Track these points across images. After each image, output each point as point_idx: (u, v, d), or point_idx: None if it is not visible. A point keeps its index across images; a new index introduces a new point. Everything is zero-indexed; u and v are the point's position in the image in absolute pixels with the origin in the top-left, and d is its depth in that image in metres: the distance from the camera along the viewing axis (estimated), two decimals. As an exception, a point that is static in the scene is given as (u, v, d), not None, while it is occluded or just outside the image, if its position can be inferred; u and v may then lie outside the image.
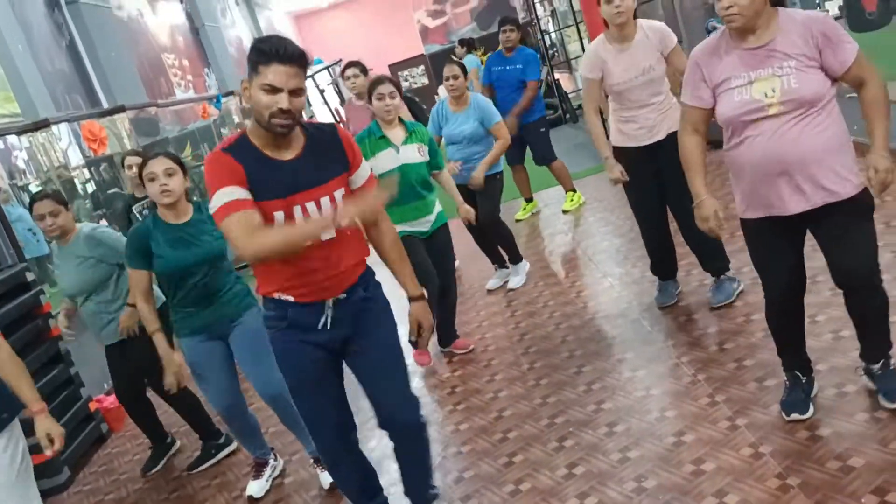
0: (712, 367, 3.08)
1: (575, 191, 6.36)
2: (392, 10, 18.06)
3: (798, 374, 2.58)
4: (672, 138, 3.35)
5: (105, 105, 7.19)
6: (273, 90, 1.96)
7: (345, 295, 2.25)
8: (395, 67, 16.06)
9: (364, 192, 2.23)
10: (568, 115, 10.77)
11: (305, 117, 11.74)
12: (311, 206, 2.11)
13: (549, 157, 6.18)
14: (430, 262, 3.80)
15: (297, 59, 1.98)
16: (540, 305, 4.37)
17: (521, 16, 15.49)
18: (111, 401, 4.54)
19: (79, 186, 6.72)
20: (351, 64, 5.21)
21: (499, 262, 4.90)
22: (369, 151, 3.63)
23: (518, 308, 4.45)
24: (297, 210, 2.10)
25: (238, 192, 2.00)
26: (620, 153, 3.53)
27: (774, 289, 2.50)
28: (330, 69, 16.15)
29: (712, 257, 3.63)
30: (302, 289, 2.19)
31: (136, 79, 7.88)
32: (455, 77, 4.44)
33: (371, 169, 2.35)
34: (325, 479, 3.07)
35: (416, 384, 3.81)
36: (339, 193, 2.17)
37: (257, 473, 3.26)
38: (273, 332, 2.30)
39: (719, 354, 3.16)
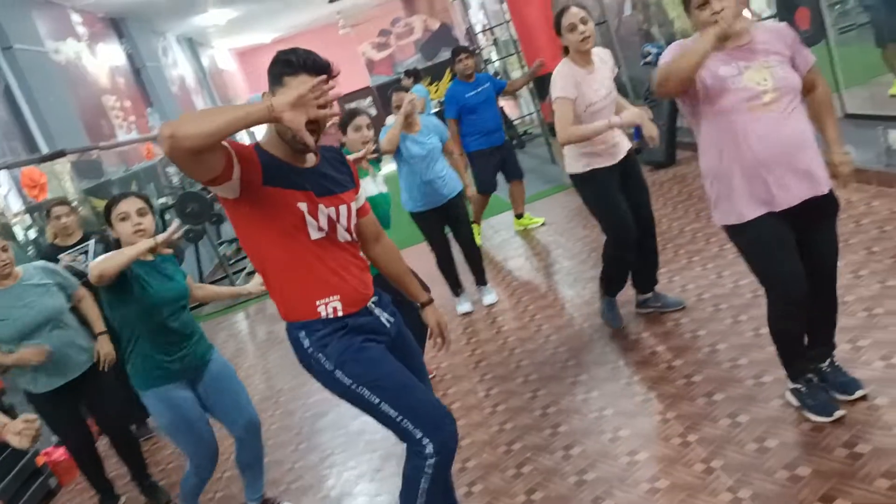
0: (663, 384, 3.13)
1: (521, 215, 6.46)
2: (337, 44, 18.13)
3: (811, 376, 2.57)
4: (631, 155, 3.57)
5: (44, 150, 7.06)
6: (324, 105, 1.88)
7: (376, 297, 2.22)
8: (343, 99, 16.12)
9: (361, 218, 2.26)
10: (515, 141, 10.93)
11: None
12: (331, 210, 2.08)
13: (520, 172, 6.31)
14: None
15: (326, 69, 1.96)
16: (494, 332, 4.40)
17: (469, 45, 15.72)
18: (60, 453, 4.40)
19: (20, 233, 6.56)
20: None
21: (459, 288, 4.94)
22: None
23: (473, 335, 4.47)
24: (322, 210, 2.05)
25: (231, 150, 1.87)
26: (593, 176, 3.50)
27: (793, 286, 2.39)
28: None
29: (655, 269, 3.76)
30: (346, 287, 2.11)
31: (77, 122, 7.75)
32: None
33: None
34: None
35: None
36: (354, 206, 2.18)
37: None
38: (333, 346, 2.08)
39: (668, 372, 3.22)
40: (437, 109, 13.24)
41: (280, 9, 14.22)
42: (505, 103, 12.10)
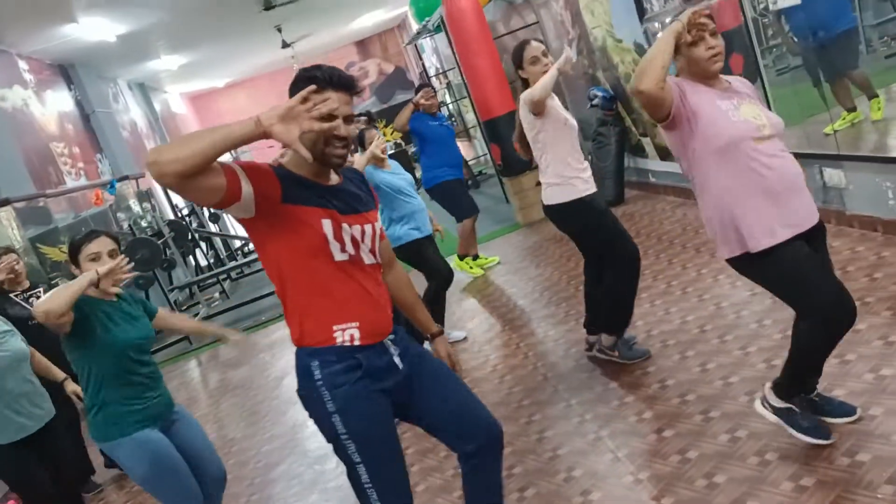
0: (615, 421, 3.16)
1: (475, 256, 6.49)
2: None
3: (812, 397, 2.57)
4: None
5: (-12, 198, 6.90)
6: (330, 117, 1.85)
7: (393, 336, 2.11)
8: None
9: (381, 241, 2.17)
10: (470, 182, 11.05)
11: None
12: (356, 230, 2.00)
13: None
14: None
15: (351, 85, 1.95)
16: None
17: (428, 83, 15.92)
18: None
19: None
20: None
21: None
22: None
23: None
24: (346, 228, 1.97)
25: (240, 172, 1.80)
26: (587, 202, 3.49)
27: (832, 301, 2.30)
28: (230, 148, 16.06)
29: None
30: (366, 315, 2.01)
31: (22, 169, 7.61)
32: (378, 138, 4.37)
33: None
34: None
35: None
36: (378, 226, 2.11)
37: None
38: (343, 389, 1.97)
39: (620, 409, 3.25)
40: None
41: (233, 54, 14.26)
42: (460, 144, 12.25)
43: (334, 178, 2.04)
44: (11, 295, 4.29)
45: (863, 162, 4.01)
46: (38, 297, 4.21)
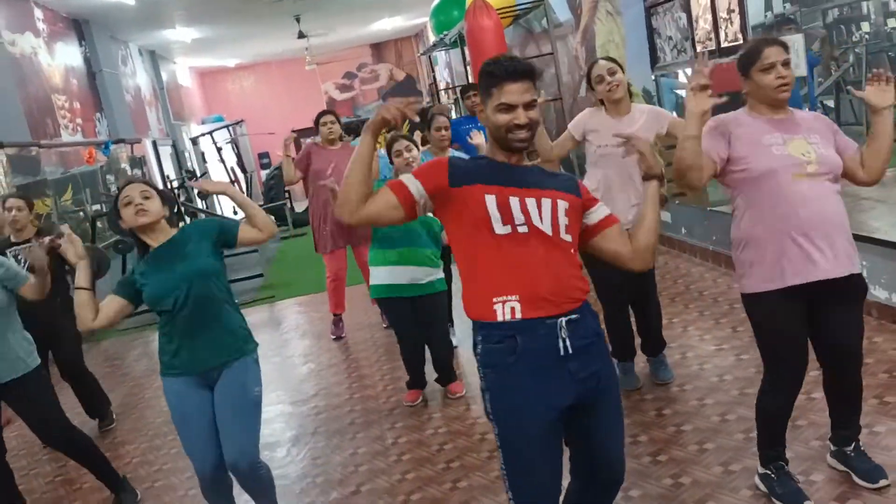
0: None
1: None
2: (300, 78, 18.26)
3: (782, 463, 2.57)
4: None
5: (-18, 139, 6.86)
6: (509, 108, 1.97)
7: (576, 315, 1.94)
8: (300, 133, 16.10)
9: (605, 230, 2.09)
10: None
11: (199, 174, 11.36)
12: (531, 201, 1.96)
13: None
14: (415, 322, 3.97)
15: (526, 74, 1.99)
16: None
17: (427, 100, 16.03)
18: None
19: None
20: (326, 112, 5.64)
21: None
22: None
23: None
24: (514, 202, 1.95)
25: (408, 181, 2.01)
26: None
27: (793, 366, 2.40)
28: (230, 128, 16.07)
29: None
30: (529, 287, 1.90)
31: (20, 117, 7.56)
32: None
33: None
34: None
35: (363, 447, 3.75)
36: (563, 205, 1.99)
37: None
38: (495, 370, 1.93)
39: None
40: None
41: (248, 36, 14.29)
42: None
43: (522, 160, 2.08)
44: (12, 244, 4.19)
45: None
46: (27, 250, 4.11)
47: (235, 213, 10.83)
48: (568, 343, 1.90)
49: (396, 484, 3.22)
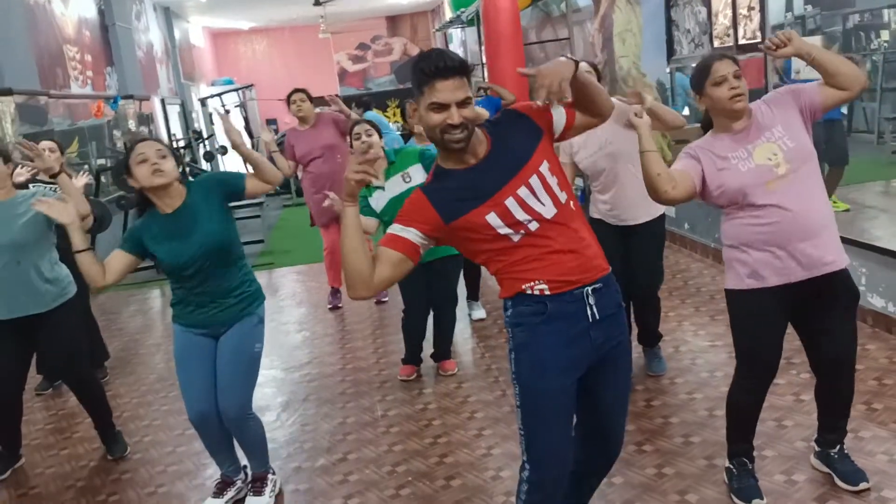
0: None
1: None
2: (313, 46, 18.13)
3: (746, 460, 2.60)
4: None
5: (-8, 85, 6.83)
6: (441, 107, 1.86)
7: (600, 284, 1.98)
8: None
9: (569, 119, 2.04)
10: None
11: (206, 135, 11.28)
12: (522, 191, 1.92)
13: None
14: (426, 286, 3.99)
15: (458, 70, 1.86)
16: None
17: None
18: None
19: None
20: (297, 90, 5.63)
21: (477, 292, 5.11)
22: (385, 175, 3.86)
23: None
24: (510, 202, 1.91)
25: (402, 231, 1.93)
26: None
27: (762, 365, 2.46)
28: (239, 92, 15.99)
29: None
30: (553, 275, 1.93)
31: (31, 65, 7.52)
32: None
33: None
34: None
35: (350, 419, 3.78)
36: (545, 167, 1.96)
37: (218, 492, 3.00)
38: (522, 328, 1.97)
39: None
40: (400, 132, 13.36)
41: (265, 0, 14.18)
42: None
43: (481, 152, 1.97)
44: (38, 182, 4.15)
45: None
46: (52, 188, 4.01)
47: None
48: (595, 310, 1.96)
49: (383, 454, 3.25)
